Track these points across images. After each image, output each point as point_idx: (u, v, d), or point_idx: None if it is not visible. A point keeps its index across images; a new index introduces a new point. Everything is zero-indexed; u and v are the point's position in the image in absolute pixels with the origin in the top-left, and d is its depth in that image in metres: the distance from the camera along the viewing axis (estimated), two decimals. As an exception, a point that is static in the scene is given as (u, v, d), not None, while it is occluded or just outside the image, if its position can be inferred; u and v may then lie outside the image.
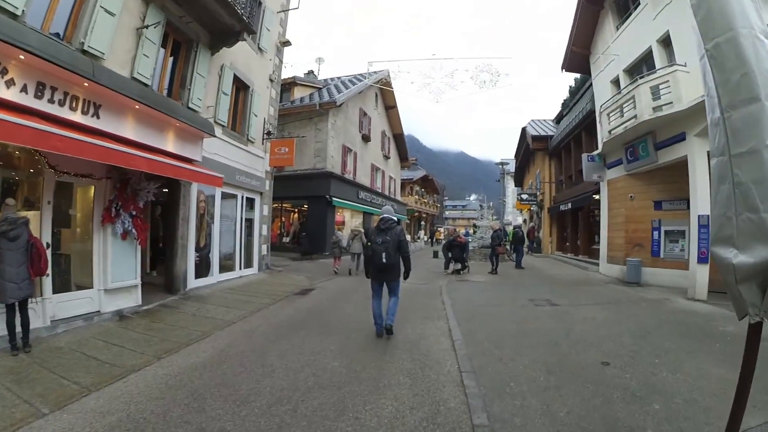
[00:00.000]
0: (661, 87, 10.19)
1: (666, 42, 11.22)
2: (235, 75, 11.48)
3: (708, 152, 9.46)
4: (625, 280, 11.92)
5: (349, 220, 23.56)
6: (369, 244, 6.29)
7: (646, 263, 11.76)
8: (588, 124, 17.21)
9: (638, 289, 10.85)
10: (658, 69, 10.80)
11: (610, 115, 12.19)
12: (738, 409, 2.33)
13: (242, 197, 12.25)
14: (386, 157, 29.63)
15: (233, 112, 11.88)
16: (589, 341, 5.94)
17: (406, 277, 6.36)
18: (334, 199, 18.92)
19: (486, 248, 19.08)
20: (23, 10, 5.48)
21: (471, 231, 31.25)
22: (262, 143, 13.19)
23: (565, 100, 22.87)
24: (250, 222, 12.79)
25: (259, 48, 12.95)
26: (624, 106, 11.47)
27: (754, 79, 2.01)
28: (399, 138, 32.48)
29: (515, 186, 38.34)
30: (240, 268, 12.11)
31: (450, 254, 14.43)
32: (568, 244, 21.69)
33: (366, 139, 24.61)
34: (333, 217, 19.75)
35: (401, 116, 30.62)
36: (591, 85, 16.37)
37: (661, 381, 4.48)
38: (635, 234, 12.46)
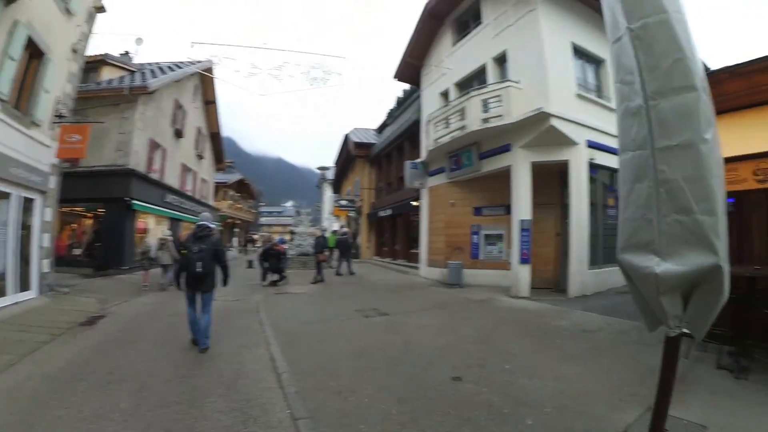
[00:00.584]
0: (491, 101, 10.77)
1: (501, 60, 12.06)
2: (29, 37, 8.44)
3: (531, 162, 10.39)
4: (446, 282, 12.33)
5: (153, 228, 20.15)
6: (184, 251, 6.02)
7: (467, 265, 12.38)
8: (412, 133, 17.83)
9: (461, 291, 11.32)
10: (491, 84, 11.46)
11: (438, 124, 12.62)
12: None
13: (18, 197, 8.84)
14: (200, 157, 26.41)
15: (19, 84, 8.72)
16: (433, 354, 5.55)
17: (225, 284, 6.29)
18: (135, 202, 15.59)
19: (305, 256, 18.45)
20: None
21: (287, 238, 30.15)
22: (51, 128, 9.88)
23: (391, 110, 23.56)
24: (28, 230, 9.35)
25: (67, 9, 9.85)
26: (453, 116, 11.91)
27: (689, 66, 1.83)
28: (216, 137, 29.38)
29: (333, 193, 38.61)
30: (13, 292, 8.58)
31: (266, 264, 13.07)
32: (386, 248, 22.30)
33: (179, 134, 21.33)
34: (133, 223, 16.36)
35: (221, 114, 27.94)
36: (419, 96, 17.04)
37: (522, 390, 4.26)
38: (455, 238, 13.12)
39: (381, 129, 25.41)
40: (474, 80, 13.21)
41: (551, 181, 11.37)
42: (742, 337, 4.81)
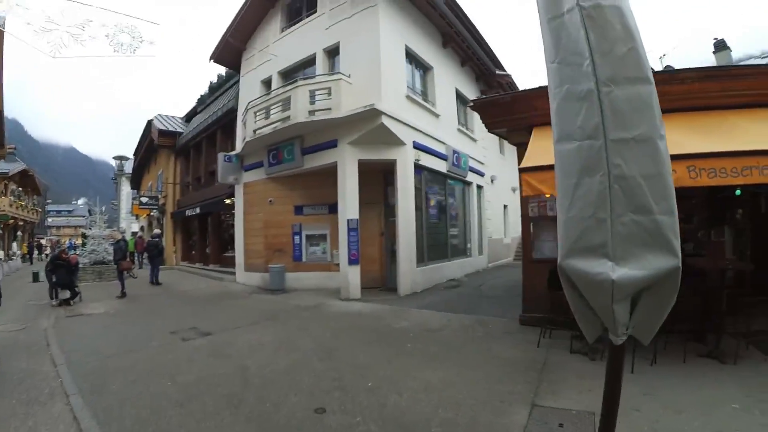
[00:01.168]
0: (320, 92, 10.07)
1: (333, 52, 11.34)
2: None
3: (359, 160, 9.92)
4: (269, 288, 11.19)
5: None
6: None
7: (289, 268, 11.40)
8: (226, 123, 16.02)
9: (287, 297, 10.35)
10: (321, 75, 10.77)
11: (258, 114, 11.27)
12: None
13: None
14: None
15: None
16: (280, 382, 4.51)
17: None
18: None
19: (101, 264, 15.16)
20: None
21: (77, 242, 24.95)
22: None
23: (202, 96, 21.02)
24: None
25: None
26: (276, 106, 10.80)
27: (642, 56, 1.75)
28: None
29: (132, 188, 33.23)
30: None
31: (54, 278, 10.10)
32: (195, 253, 19.68)
33: None
34: None
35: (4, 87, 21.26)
36: (237, 82, 15.28)
37: (398, 411, 3.73)
38: (276, 239, 11.95)
39: (189, 117, 22.73)
40: (301, 70, 12.26)
41: (375, 180, 11.10)
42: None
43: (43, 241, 41.74)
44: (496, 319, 7.25)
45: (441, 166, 12.40)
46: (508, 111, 6.84)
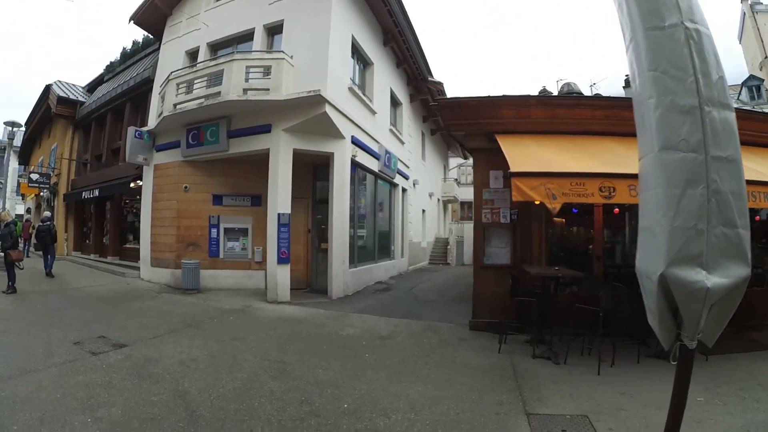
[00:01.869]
0: (257, 70, 9.20)
1: (274, 30, 10.46)
2: None
3: (294, 149, 9.19)
4: (181, 287, 9.92)
5: None
6: None
7: (204, 265, 10.20)
8: (138, 95, 14.23)
9: (204, 298, 9.21)
10: (261, 51, 9.89)
11: (181, 86, 9.98)
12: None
13: None
14: None
15: None
16: (234, 412, 3.62)
17: None
18: None
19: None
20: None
21: None
22: None
23: (112, 63, 18.62)
24: None
25: None
26: (204, 79, 9.61)
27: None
28: None
29: (20, 164, 29.19)
30: None
31: None
32: (90, 242, 17.34)
33: None
34: None
35: None
36: (156, 51, 13.61)
37: None
38: (189, 231, 10.68)
39: (93, 87, 20.13)
40: (234, 44, 11.09)
41: (304, 174, 10.34)
42: (541, 325, 5.54)
43: None
44: (443, 325, 7.07)
45: (374, 164, 11.96)
46: (473, 114, 6.85)
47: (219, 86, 9.22)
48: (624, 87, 19.28)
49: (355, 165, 10.63)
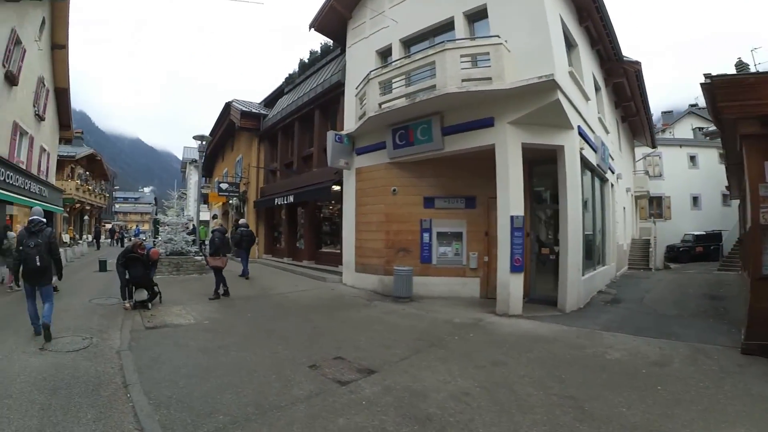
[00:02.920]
0: (466, 58, 8.64)
1: (477, 16, 9.89)
2: None
3: (522, 144, 8.52)
4: (390, 295, 9.92)
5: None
6: (21, 247, 6.40)
7: (415, 271, 10.03)
8: (327, 100, 15.03)
9: (420, 307, 9.05)
10: (476, 38, 9.31)
11: (384, 84, 10.00)
12: None
13: None
14: (40, 118, 19.61)
15: None
16: None
17: (60, 277, 7.01)
18: None
19: (179, 255, 14.36)
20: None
21: (144, 228, 24.81)
22: None
23: (291, 75, 20.16)
24: None
25: None
26: (399, 78, 9.60)
27: None
28: (62, 95, 22.20)
29: (203, 176, 33.36)
30: None
31: (127, 274, 8.61)
32: (282, 246, 18.86)
33: (11, 80, 15.03)
34: None
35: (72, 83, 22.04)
36: (336, 58, 14.21)
37: None
38: (399, 236, 10.67)
39: (270, 101, 22.13)
40: (430, 37, 10.86)
41: (492, 171, 9.42)
42: None
43: (108, 226, 42.92)
44: (710, 348, 6.12)
45: (592, 157, 10.77)
46: (747, 94, 5.82)
47: (433, 79, 8.94)
48: None
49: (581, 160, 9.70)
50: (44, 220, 6.76)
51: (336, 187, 12.94)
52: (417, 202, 10.60)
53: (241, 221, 13.20)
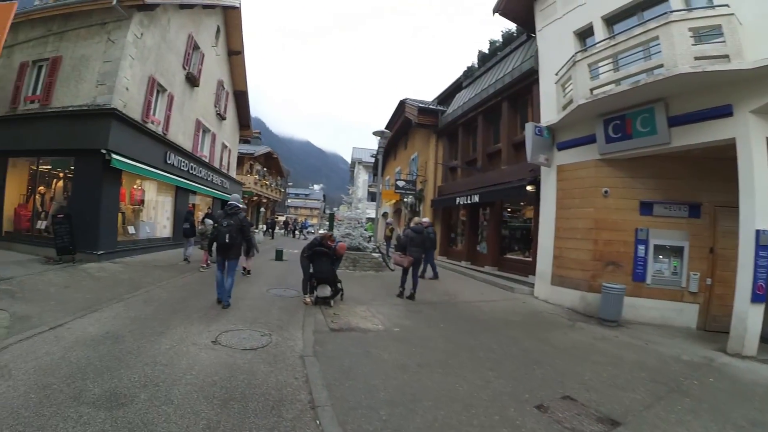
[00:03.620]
0: (700, 32, 7.25)
1: None
2: None
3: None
4: (593, 316, 8.83)
5: (154, 198, 16.93)
6: (216, 225, 7.84)
7: (626, 291, 8.68)
8: (516, 91, 14.17)
9: (632, 335, 7.83)
10: (703, 8, 7.68)
11: (592, 67, 8.82)
12: None
13: None
14: (221, 117, 23.23)
15: None
16: None
17: (249, 254, 10.20)
18: (115, 157, 11.95)
19: (356, 251, 14.87)
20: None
21: (310, 222, 26.57)
22: None
23: (469, 68, 19.69)
24: None
25: None
26: (629, 53, 8.17)
27: None
28: (241, 97, 26.27)
29: (374, 174, 34.88)
30: None
31: (312, 269, 8.67)
32: (459, 248, 18.53)
33: (193, 81, 18.03)
34: (115, 187, 13.00)
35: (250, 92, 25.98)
36: (524, 42, 13.19)
37: None
38: (609, 247, 9.36)
39: (445, 99, 22.11)
40: (637, 12, 9.38)
41: (721, 172, 8.01)
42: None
43: (281, 218, 47.20)
44: None
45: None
46: None
47: (657, 58, 7.58)
48: None
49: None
50: (240, 205, 8.03)
51: (530, 187, 11.97)
52: (632, 207, 9.17)
53: (425, 220, 12.92)
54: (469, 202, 15.72)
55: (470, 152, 18.25)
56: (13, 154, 13.40)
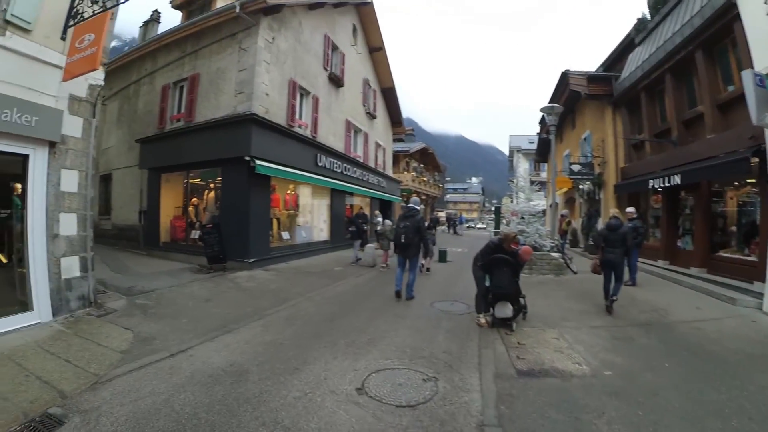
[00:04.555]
0: None
1: None
2: None
3: None
4: None
5: (309, 202, 17.20)
6: (394, 227, 9.40)
7: None
8: (713, 34, 10.92)
9: None
10: None
11: None
12: None
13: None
14: (371, 116, 23.35)
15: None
16: None
17: (426, 254, 9.91)
18: (259, 163, 11.96)
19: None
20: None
21: (468, 217, 25.08)
22: (64, 36, 6.71)
23: (640, 19, 16.47)
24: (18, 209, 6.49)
25: None
26: None
27: None
28: (389, 94, 26.29)
29: (537, 161, 32.08)
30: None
31: (488, 280, 6.95)
32: (652, 244, 14.96)
33: (336, 82, 18.18)
34: (264, 194, 13.17)
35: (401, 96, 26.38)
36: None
37: None
38: None
39: (611, 65, 19.36)
40: None
41: None
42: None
43: (440, 214, 46.34)
44: None
45: None
46: None
47: None
48: None
49: None
50: (417, 208, 8.82)
51: (755, 160, 8.93)
52: None
53: (629, 210, 10.50)
54: (667, 184, 12.40)
55: (658, 122, 14.85)
56: (165, 170, 14.68)
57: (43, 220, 6.51)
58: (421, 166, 42.31)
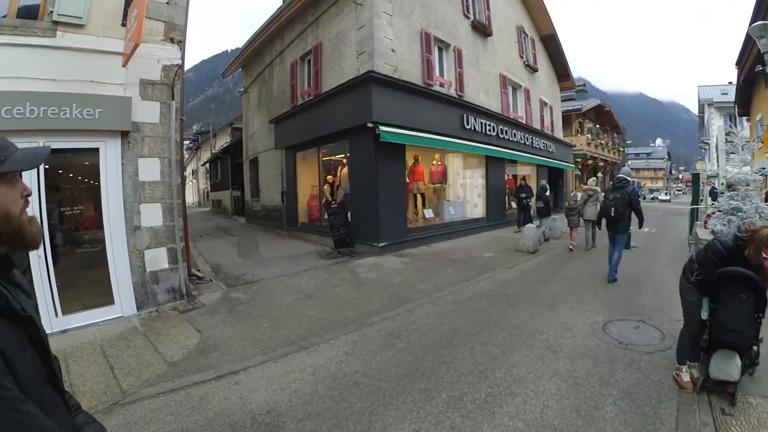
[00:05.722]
0: None
1: None
2: None
3: None
4: None
5: (460, 173, 15.64)
6: (604, 200, 8.52)
7: None
8: None
9: None
10: None
11: None
12: None
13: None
14: (531, 69, 20.45)
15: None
16: None
17: (640, 225, 8.59)
18: (384, 129, 10.39)
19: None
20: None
21: (653, 186, 21.17)
22: (125, 23, 6.40)
23: None
24: (93, 197, 6.45)
25: None
26: None
27: None
28: (550, 42, 22.83)
29: (740, 115, 26.46)
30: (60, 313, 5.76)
31: (709, 310, 3.99)
32: None
33: (483, 30, 15.73)
34: (396, 166, 11.60)
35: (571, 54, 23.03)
36: None
37: None
38: None
39: None
40: None
41: None
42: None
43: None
44: None
45: None
46: None
47: None
48: None
49: None
50: (628, 178, 8.21)
51: None
52: None
53: None
54: None
55: None
56: (299, 147, 14.33)
57: (120, 212, 6.38)
58: (597, 126, 37.54)
